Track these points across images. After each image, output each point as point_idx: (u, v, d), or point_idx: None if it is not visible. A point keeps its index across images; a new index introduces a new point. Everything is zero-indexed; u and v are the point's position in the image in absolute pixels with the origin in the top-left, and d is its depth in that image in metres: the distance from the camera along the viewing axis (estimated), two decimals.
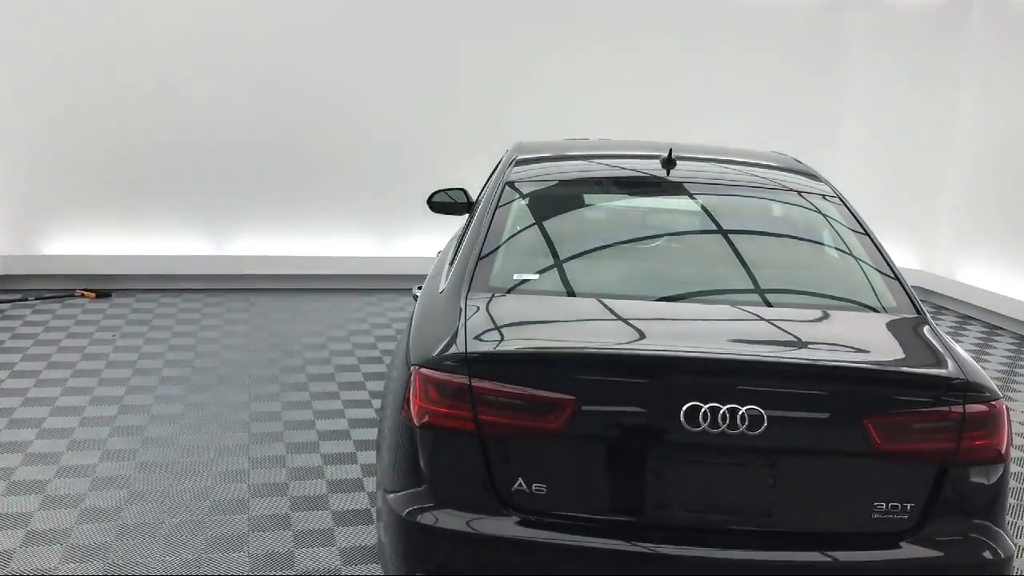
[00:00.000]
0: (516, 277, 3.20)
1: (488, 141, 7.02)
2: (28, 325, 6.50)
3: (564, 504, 2.58)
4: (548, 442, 2.55)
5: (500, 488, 2.56)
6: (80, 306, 7.07)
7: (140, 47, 7.37)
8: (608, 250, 3.60)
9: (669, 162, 3.76)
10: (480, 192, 4.34)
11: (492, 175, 4.17)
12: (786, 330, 2.91)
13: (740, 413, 2.46)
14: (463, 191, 5.15)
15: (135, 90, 7.42)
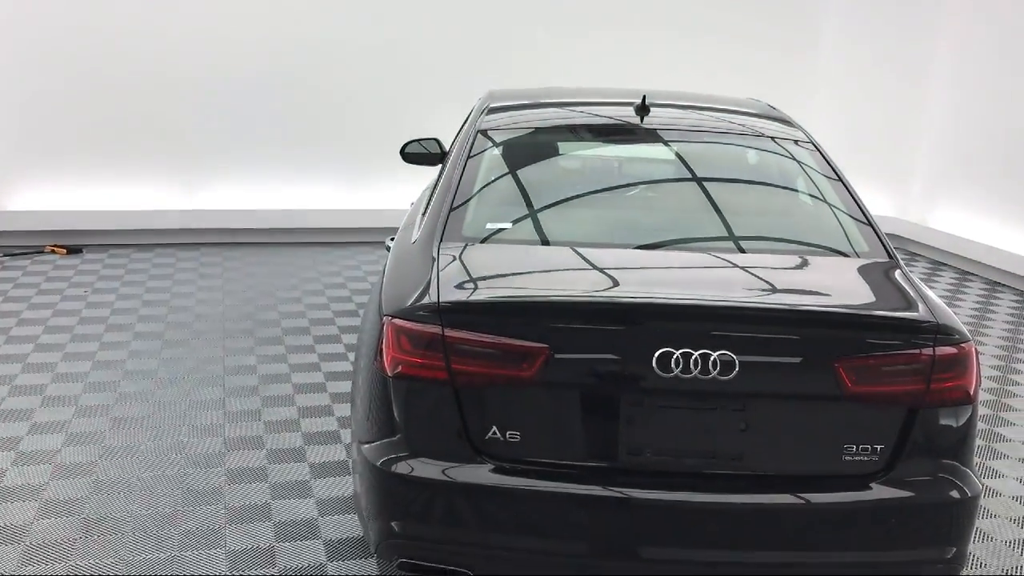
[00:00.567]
0: (489, 226, 3.19)
1: (462, 91, 6.93)
2: None
3: (538, 451, 2.59)
4: (521, 390, 2.55)
5: (474, 436, 2.56)
6: (51, 262, 6.97)
7: None
8: (581, 198, 3.58)
9: (643, 108, 3.73)
10: (452, 142, 4.30)
11: (464, 124, 4.12)
12: (759, 276, 2.91)
13: (712, 359, 2.47)
14: (436, 141, 5.11)
15: (102, 35, 7.24)
